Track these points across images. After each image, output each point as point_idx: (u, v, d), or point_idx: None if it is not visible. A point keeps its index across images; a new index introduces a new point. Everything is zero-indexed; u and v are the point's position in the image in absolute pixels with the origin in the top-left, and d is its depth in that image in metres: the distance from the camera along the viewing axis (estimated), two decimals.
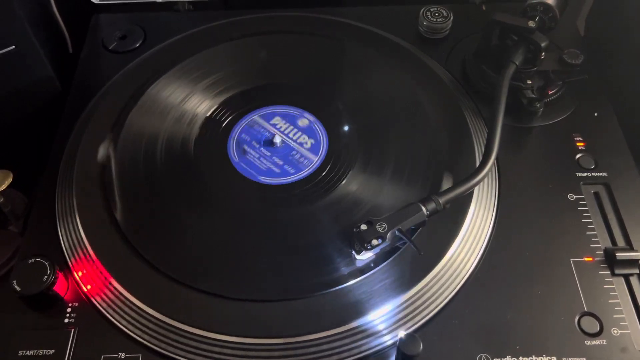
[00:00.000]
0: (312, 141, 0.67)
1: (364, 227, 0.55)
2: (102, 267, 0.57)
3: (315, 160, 0.66)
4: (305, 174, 0.65)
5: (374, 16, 0.80)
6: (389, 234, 0.54)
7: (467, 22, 0.79)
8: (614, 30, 0.78)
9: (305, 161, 0.65)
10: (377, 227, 0.54)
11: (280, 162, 0.66)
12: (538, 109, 0.68)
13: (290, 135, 0.68)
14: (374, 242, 0.54)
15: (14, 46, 0.68)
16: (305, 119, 0.69)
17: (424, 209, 0.55)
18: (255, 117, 0.70)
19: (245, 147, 0.67)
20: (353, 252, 0.56)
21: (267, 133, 0.68)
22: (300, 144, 0.67)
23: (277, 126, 0.69)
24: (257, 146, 0.67)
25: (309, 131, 0.68)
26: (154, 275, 0.56)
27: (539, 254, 0.59)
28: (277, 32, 0.77)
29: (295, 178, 0.64)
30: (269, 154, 0.66)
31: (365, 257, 0.56)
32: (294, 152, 0.66)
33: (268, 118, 0.70)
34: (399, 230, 0.54)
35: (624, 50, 0.76)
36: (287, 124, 0.69)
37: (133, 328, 0.54)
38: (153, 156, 0.66)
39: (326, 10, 0.81)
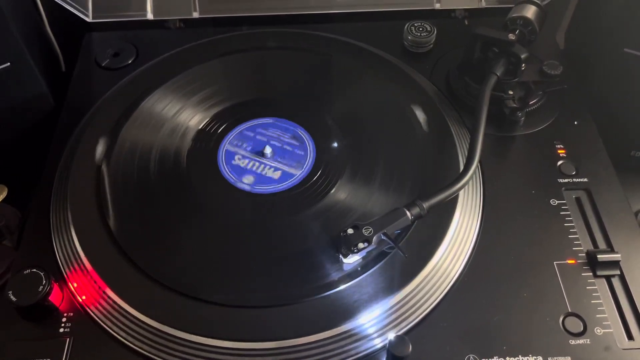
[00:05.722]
0: (301, 153, 0.69)
1: (350, 231, 0.56)
2: (97, 277, 0.57)
3: (299, 173, 0.67)
4: (290, 184, 0.66)
5: (361, 32, 0.82)
6: (374, 238, 0.56)
7: (451, 36, 0.81)
8: (592, 44, 0.80)
9: (291, 173, 0.67)
10: (363, 231, 0.56)
11: (267, 172, 0.67)
12: (520, 118, 0.69)
13: (281, 146, 0.70)
14: (360, 245, 0.55)
15: (9, 63, 0.70)
16: (298, 133, 0.71)
17: (408, 213, 0.57)
18: (248, 126, 0.71)
19: (235, 152, 0.68)
20: (340, 256, 0.58)
21: (258, 143, 0.70)
22: (289, 156, 0.69)
23: (270, 137, 0.70)
24: (247, 154, 0.69)
25: (298, 146, 0.70)
26: (149, 283, 0.57)
27: (524, 258, 0.60)
28: (266, 48, 0.79)
29: (279, 188, 0.66)
30: (257, 162, 0.68)
31: (352, 260, 0.57)
32: (281, 163, 0.68)
33: (262, 128, 0.71)
34: (385, 234, 0.56)
35: (602, 62, 0.78)
36: (279, 136, 0.70)
37: (128, 336, 0.55)
38: (146, 168, 0.67)
39: (315, 26, 0.83)
